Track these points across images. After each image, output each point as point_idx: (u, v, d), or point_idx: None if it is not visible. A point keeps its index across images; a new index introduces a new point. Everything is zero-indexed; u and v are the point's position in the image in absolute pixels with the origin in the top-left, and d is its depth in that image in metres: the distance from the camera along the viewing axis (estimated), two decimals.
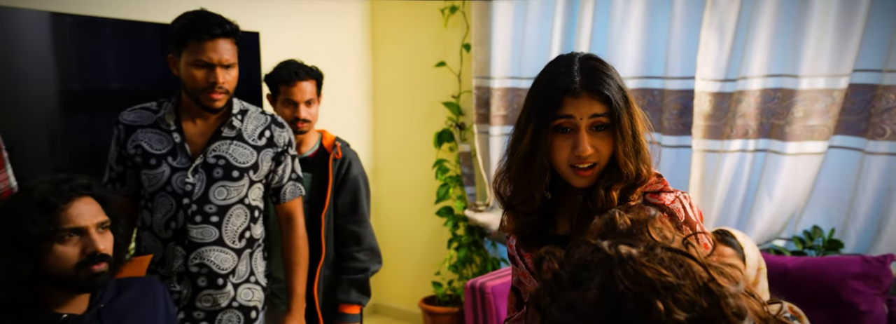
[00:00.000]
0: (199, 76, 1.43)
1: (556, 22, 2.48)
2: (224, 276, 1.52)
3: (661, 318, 0.52)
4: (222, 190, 1.50)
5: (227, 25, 1.44)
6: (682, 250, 0.57)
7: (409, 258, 3.19)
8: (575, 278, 0.57)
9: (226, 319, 1.54)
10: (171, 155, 1.48)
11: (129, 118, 1.52)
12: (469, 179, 2.91)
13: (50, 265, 1.12)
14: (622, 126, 0.93)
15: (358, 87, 3.16)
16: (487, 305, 1.98)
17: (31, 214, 1.10)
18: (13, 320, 1.12)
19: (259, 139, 1.55)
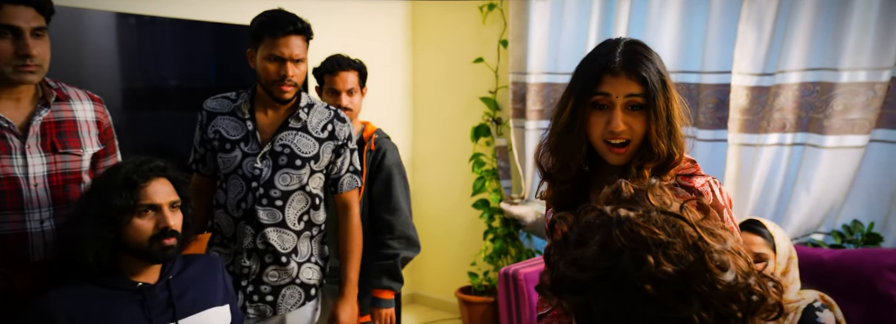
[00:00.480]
0: (271, 69, 1.54)
1: (593, 17, 2.51)
2: (287, 255, 1.62)
3: (650, 270, 0.57)
4: (286, 176, 1.60)
5: (300, 23, 1.56)
6: (675, 213, 0.62)
7: (446, 249, 3.26)
8: (581, 239, 0.63)
9: (288, 294, 1.65)
10: (244, 141, 1.60)
11: (210, 105, 1.65)
12: (505, 173, 2.96)
13: (128, 236, 1.25)
14: (657, 107, 0.97)
15: (398, 83, 3.25)
16: (520, 291, 2.03)
17: (117, 189, 1.23)
18: (98, 286, 1.25)
19: (322, 132, 1.65)
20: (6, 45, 1.24)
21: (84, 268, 1.24)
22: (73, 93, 1.44)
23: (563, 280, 0.62)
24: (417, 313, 3.26)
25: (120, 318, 1.24)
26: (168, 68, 2.46)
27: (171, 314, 1.29)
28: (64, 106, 1.40)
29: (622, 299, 0.58)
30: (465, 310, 2.99)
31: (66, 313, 1.19)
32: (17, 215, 1.31)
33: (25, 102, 1.34)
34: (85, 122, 1.43)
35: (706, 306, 0.57)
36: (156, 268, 1.32)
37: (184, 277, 1.35)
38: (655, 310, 0.57)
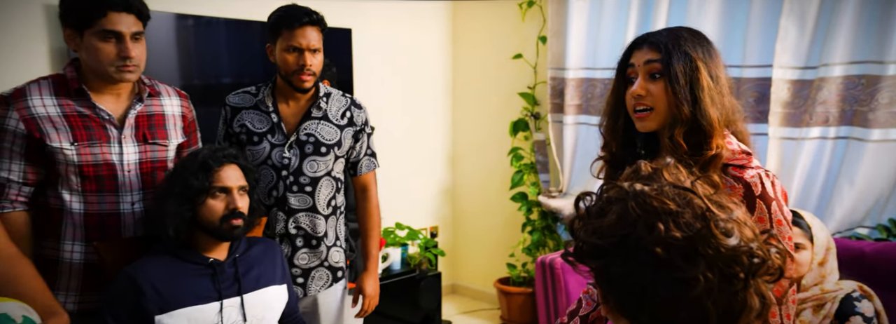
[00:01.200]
0: (290, 60, 1.60)
1: (632, 12, 2.52)
2: (318, 238, 1.71)
3: (661, 235, 0.63)
4: (313, 164, 1.68)
5: (314, 15, 1.62)
6: (686, 187, 0.68)
7: (485, 241, 3.32)
8: (601, 211, 0.69)
9: (317, 276, 1.74)
10: (270, 133, 1.66)
11: (234, 101, 1.70)
12: (543, 167, 3.00)
13: (202, 215, 1.37)
14: (674, 72, 1.01)
15: (439, 79, 3.33)
16: (556, 279, 2.07)
17: (195, 172, 1.36)
18: (177, 258, 1.38)
19: (341, 119, 1.72)
20: (110, 47, 1.37)
21: (165, 241, 1.37)
22: (164, 89, 1.57)
23: (585, 247, 0.69)
24: (457, 302, 3.33)
25: (194, 288, 1.36)
26: (222, 66, 2.59)
27: (236, 289, 1.41)
28: (155, 101, 1.52)
29: (636, 262, 0.64)
30: (503, 300, 3.04)
31: (150, 280, 1.32)
32: (113, 197, 1.45)
33: (123, 96, 1.47)
34: (172, 116, 1.55)
35: (711, 267, 0.62)
36: (224, 246, 1.44)
37: (248, 256, 1.46)
38: (666, 271, 0.62)
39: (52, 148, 1.37)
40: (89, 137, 1.41)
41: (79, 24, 1.36)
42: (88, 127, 1.41)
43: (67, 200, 1.41)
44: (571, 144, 2.83)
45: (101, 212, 1.44)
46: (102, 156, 1.42)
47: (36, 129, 1.37)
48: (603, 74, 2.73)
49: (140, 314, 1.32)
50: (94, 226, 1.43)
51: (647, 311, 0.65)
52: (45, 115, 1.38)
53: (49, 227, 1.43)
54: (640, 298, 0.65)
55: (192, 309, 1.34)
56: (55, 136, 1.38)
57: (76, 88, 1.41)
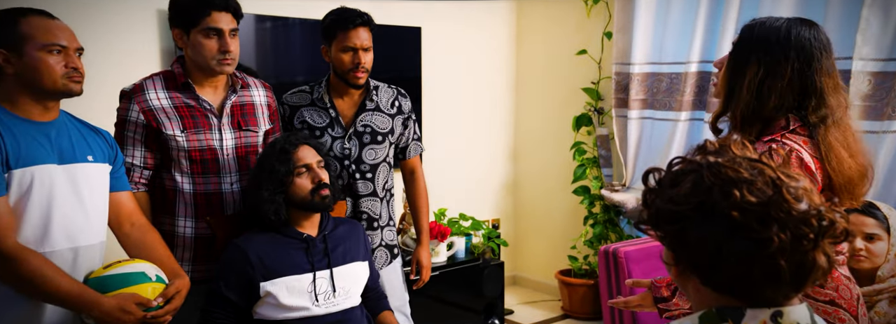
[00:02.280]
0: (346, 59, 1.72)
1: (702, 6, 2.49)
2: (377, 220, 1.84)
3: (737, 201, 0.68)
4: (371, 152, 1.81)
5: (365, 16, 1.74)
6: (756, 158, 0.74)
7: (546, 234, 3.35)
8: (673, 181, 0.75)
9: (378, 255, 1.86)
10: (330, 127, 1.78)
11: (292, 100, 1.82)
12: (606, 161, 3.00)
13: (294, 193, 1.51)
14: (730, 62, 1.11)
15: (502, 75, 3.38)
16: (620, 268, 2.09)
17: (277, 158, 1.50)
18: (276, 233, 1.52)
19: (391, 108, 1.85)
20: (212, 43, 1.53)
21: (267, 223, 1.51)
22: (252, 81, 1.72)
23: (661, 213, 0.74)
24: (518, 293, 3.38)
25: (291, 260, 1.50)
26: (296, 64, 2.73)
27: (326, 262, 1.53)
28: (246, 92, 1.68)
29: (712, 225, 0.69)
30: (564, 291, 3.07)
31: (256, 252, 1.48)
32: (216, 178, 1.61)
33: (220, 89, 1.63)
34: (260, 105, 1.70)
35: (783, 228, 0.67)
36: (315, 223, 1.57)
37: (335, 234, 1.59)
38: (741, 232, 0.68)
39: (166, 135, 1.54)
40: (195, 125, 1.56)
41: (186, 24, 1.53)
42: (194, 116, 1.57)
43: (179, 181, 1.58)
44: (636, 139, 2.82)
45: (206, 191, 1.60)
46: (206, 142, 1.58)
47: (153, 119, 1.53)
48: (669, 69, 2.70)
49: (247, 281, 1.46)
50: (202, 204, 1.60)
51: (721, 269, 0.70)
52: (159, 106, 1.55)
53: (165, 205, 1.60)
54: (715, 257, 0.70)
55: (290, 278, 1.47)
56: (169, 124, 1.54)
57: (183, 81, 1.57)
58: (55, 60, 1.24)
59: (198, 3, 1.51)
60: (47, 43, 1.23)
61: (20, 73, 1.23)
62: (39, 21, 1.24)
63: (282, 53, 2.66)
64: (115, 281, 1.26)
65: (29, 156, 1.23)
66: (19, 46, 1.22)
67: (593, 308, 3.01)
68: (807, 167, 1.06)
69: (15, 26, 1.22)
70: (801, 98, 1.09)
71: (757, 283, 0.69)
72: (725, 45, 2.43)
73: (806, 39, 1.08)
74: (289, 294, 1.46)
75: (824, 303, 1.08)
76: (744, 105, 1.08)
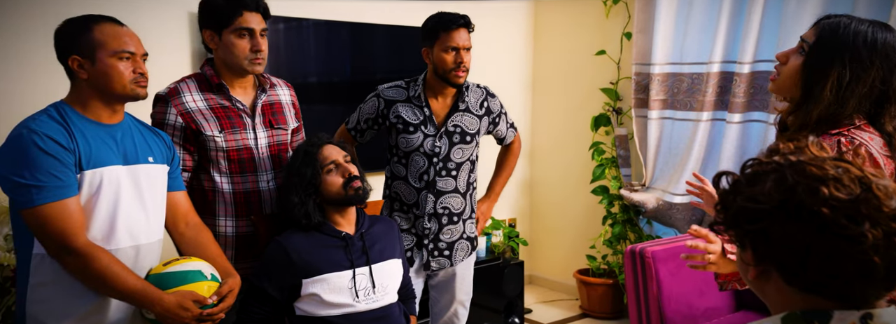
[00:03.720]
0: (448, 59, 1.77)
1: (725, 6, 2.46)
2: (458, 214, 1.88)
3: (825, 198, 0.66)
4: (459, 151, 1.85)
5: (466, 18, 1.80)
6: (840, 157, 0.72)
7: (564, 233, 3.32)
8: (752, 181, 0.73)
9: (460, 247, 1.91)
10: (423, 125, 1.82)
11: (389, 94, 1.85)
12: (624, 161, 2.97)
13: (327, 191, 1.51)
14: (809, 62, 1.06)
15: (518, 75, 3.35)
16: (647, 268, 2.06)
17: (302, 161, 1.50)
18: (316, 232, 1.52)
19: (480, 109, 1.90)
20: (244, 43, 1.53)
21: (301, 226, 1.51)
22: (277, 81, 1.74)
23: (743, 212, 0.72)
24: (535, 292, 3.36)
25: (330, 257, 1.49)
26: (309, 65, 2.69)
27: (365, 260, 1.52)
28: (273, 92, 1.69)
29: (799, 223, 0.67)
30: (583, 291, 3.04)
31: (296, 250, 1.47)
32: (253, 177, 1.62)
33: (249, 88, 1.64)
34: (287, 104, 1.72)
35: (875, 224, 0.65)
36: (352, 221, 1.56)
37: (372, 232, 1.58)
38: (831, 229, 0.66)
39: (205, 136, 1.54)
40: (231, 126, 1.57)
41: (218, 25, 1.53)
42: (230, 117, 1.57)
43: (218, 181, 1.58)
44: (656, 139, 2.79)
45: (245, 190, 1.60)
46: (243, 141, 1.58)
47: (191, 121, 1.53)
48: (690, 69, 2.68)
49: (289, 278, 1.46)
50: (241, 202, 1.60)
51: (811, 267, 0.68)
52: (196, 109, 1.55)
53: (205, 206, 1.60)
54: (804, 255, 0.68)
55: (330, 275, 1.47)
56: (207, 126, 1.54)
57: (217, 83, 1.57)
58: (124, 66, 1.28)
59: (229, 4, 1.51)
60: (118, 49, 1.27)
61: (92, 79, 1.27)
62: (110, 28, 1.28)
63: (295, 55, 2.65)
64: (174, 278, 1.29)
65: (99, 158, 1.27)
66: (92, 53, 1.26)
67: (612, 308, 2.99)
68: (875, 161, 1.04)
69: (88, 34, 1.26)
70: (879, 104, 1.08)
71: (849, 281, 0.67)
72: (749, 45, 2.40)
73: (891, 46, 1.06)
74: (330, 291, 1.46)
75: None
76: (824, 107, 1.06)
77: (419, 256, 1.87)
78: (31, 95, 1.95)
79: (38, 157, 1.19)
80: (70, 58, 1.26)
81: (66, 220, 1.20)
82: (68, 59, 1.27)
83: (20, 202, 1.21)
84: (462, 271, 1.93)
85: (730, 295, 2.20)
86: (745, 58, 2.42)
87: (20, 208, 1.22)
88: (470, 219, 1.93)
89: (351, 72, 2.81)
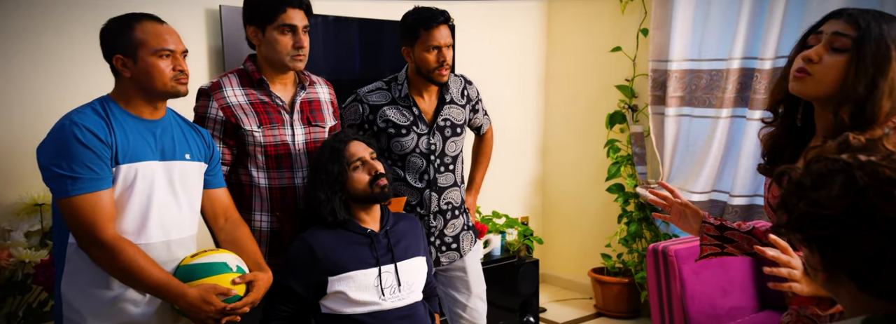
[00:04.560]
0: (430, 58, 1.71)
1: (745, 1, 2.41)
2: (459, 207, 1.87)
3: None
4: (452, 144, 1.83)
5: (445, 14, 1.72)
6: None
7: (578, 232, 3.27)
8: (817, 183, 0.67)
9: (465, 237, 1.89)
10: (414, 124, 1.77)
11: (372, 99, 1.76)
12: (640, 159, 2.92)
13: (353, 189, 1.47)
14: (863, 52, 0.97)
15: (532, 72, 3.30)
16: (671, 267, 2.01)
17: (329, 158, 1.46)
18: (341, 229, 1.48)
19: (462, 99, 1.86)
20: (287, 39, 1.53)
21: (327, 222, 1.47)
22: (316, 79, 1.72)
23: (807, 217, 0.67)
24: (548, 291, 3.31)
25: (355, 255, 1.45)
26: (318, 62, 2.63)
27: (390, 257, 1.48)
28: (312, 89, 1.67)
29: (872, 228, 0.63)
30: (598, 289, 2.99)
31: (322, 247, 1.44)
32: (289, 173, 1.60)
33: (289, 85, 1.63)
34: (326, 102, 1.70)
35: None
36: (377, 218, 1.53)
37: (397, 229, 1.55)
38: None
39: (245, 131, 1.53)
40: (270, 121, 1.56)
41: (262, 21, 1.52)
42: (268, 112, 1.56)
43: (255, 176, 1.57)
44: (673, 136, 2.74)
45: (281, 186, 1.58)
46: (280, 137, 1.57)
47: (232, 115, 1.53)
48: (709, 66, 2.63)
49: (314, 276, 1.42)
50: (277, 198, 1.58)
51: (885, 274, 0.63)
52: (236, 103, 1.54)
53: (242, 201, 1.58)
54: (878, 262, 0.63)
55: (356, 273, 1.43)
56: (246, 121, 1.53)
57: (258, 78, 1.56)
58: (165, 64, 1.28)
59: (273, 0, 1.51)
60: (159, 48, 1.28)
61: (135, 77, 1.28)
62: (152, 26, 1.29)
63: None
64: (200, 270, 1.29)
65: (136, 152, 1.27)
66: (134, 51, 1.27)
67: (628, 307, 2.94)
68: None
69: (130, 32, 1.27)
70: None
71: None
72: (771, 41, 2.35)
73: None
74: (357, 289, 1.43)
75: None
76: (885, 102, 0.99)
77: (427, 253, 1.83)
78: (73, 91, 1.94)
79: (76, 148, 1.20)
80: (114, 57, 1.28)
81: (97, 212, 1.21)
82: (112, 58, 1.29)
83: (56, 192, 1.23)
84: (472, 263, 1.89)
85: (754, 295, 2.16)
86: (767, 54, 2.36)
87: (56, 198, 1.23)
88: (465, 211, 1.91)
89: (360, 69, 2.77)
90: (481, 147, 2.08)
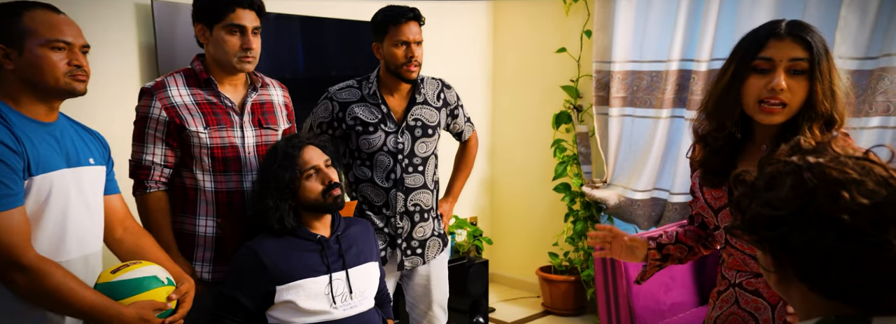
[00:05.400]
0: (399, 54, 1.68)
1: (682, 4, 2.47)
2: (428, 211, 1.82)
3: (847, 203, 0.61)
4: (422, 145, 1.79)
5: (415, 11, 1.72)
6: (864, 157, 0.66)
7: (525, 231, 3.29)
8: (769, 184, 0.68)
9: (431, 244, 1.85)
10: (383, 123, 1.73)
11: (341, 97, 1.74)
12: (585, 158, 2.96)
13: (304, 197, 1.39)
14: (821, 69, 1.00)
15: (478, 73, 3.29)
16: (617, 266, 2.04)
17: (281, 164, 1.37)
18: (291, 237, 1.40)
19: (437, 101, 1.83)
20: (235, 40, 1.45)
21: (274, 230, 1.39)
22: (269, 81, 1.65)
23: (759, 218, 0.67)
24: (497, 291, 3.30)
25: (305, 262, 1.38)
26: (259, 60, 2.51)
27: (341, 264, 1.41)
28: (264, 91, 1.60)
29: (819, 229, 0.63)
30: (545, 288, 3.01)
31: (269, 255, 1.35)
32: (237, 176, 1.52)
33: (240, 87, 1.55)
34: (279, 104, 1.63)
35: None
36: (327, 224, 1.45)
37: (348, 234, 1.48)
38: (854, 236, 0.61)
39: (189, 132, 1.45)
40: (218, 122, 1.49)
41: (210, 20, 1.46)
42: (216, 113, 1.49)
43: (201, 179, 1.49)
44: (616, 136, 2.79)
45: (228, 190, 1.51)
46: (228, 139, 1.50)
47: (176, 115, 1.45)
48: (649, 67, 2.68)
49: (262, 286, 1.34)
50: (223, 202, 1.51)
51: (833, 275, 0.63)
52: (181, 103, 1.46)
53: (186, 204, 1.51)
54: (825, 262, 0.63)
55: (306, 281, 1.36)
56: (191, 121, 1.45)
57: (205, 78, 1.49)
58: (58, 58, 1.14)
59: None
60: (51, 39, 1.13)
61: (20, 70, 1.13)
62: (44, 15, 1.14)
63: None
64: (128, 287, 1.16)
65: (46, 161, 1.14)
66: (20, 42, 1.13)
67: (575, 304, 2.97)
68: None
69: (17, 20, 1.12)
70: None
71: (877, 289, 0.62)
72: (706, 44, 2.42)
73: None
74: (306, 298, 1.36)
75: None
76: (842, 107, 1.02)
77: (393, 255, 1.78)
78: None
79: None
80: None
81: (15, 233, 1.07)
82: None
83: None
84: (437, 271, 1.87)
85: (694, 290, 2.21)
86: (703, 56, 2.44)
87: None
88: (437, 217, 1.88)
89: (304, 68, 2.67)
90: (464, 154, 2.04)
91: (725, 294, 1.16)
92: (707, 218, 1.19)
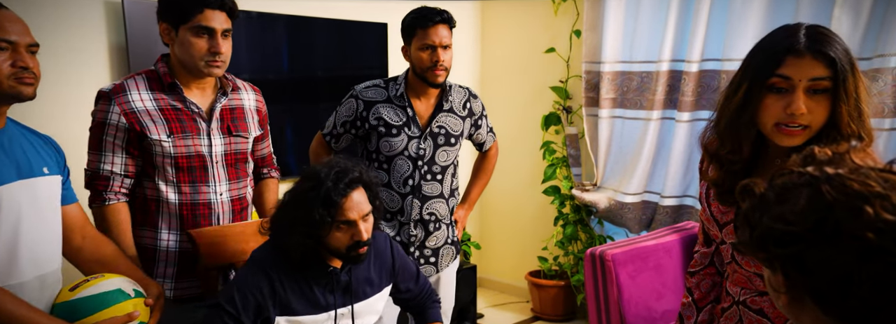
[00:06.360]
0: (425, 57, 1.64)
1: (672, 5, 2.42)
2: (442, 220, 1.79)
3: (870, 220, 0.55)
4: (443, 153, 1.76)
5: (445, 14, 1.67)
6: (887, 168, 0.60)
7: (514, 235, 3.22)
8: (781, 197, 0.61)
9: (445, 253, 1.82)
10: (407, 126, 1.70)
11: (368, 95, 1.71)
12: (575, 161, 2.89)
13: (328, 244, 1.25)
14: (847, 89, 0.89)
15: (466, 73, 3.22)
16: (607, 272, 1.97)
17: (318, 206, 1.19)
18: (304, 269, 1.27)
19: (463, 110, 1.81)
20: (202, 43, 1.35)
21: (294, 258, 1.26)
22: (241, 84, 1.55)
23: (770, 234, 0.61)
24: (486, 296, 3.23)
25: (311, 296, 1.28)
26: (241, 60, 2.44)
27: (348, 299, 1.32)
28: (235, 95, 1.50)
29: (838, 248, 0.57)
30: (535, 293, 2.94)
31: (278, 279, 1.24)
32: (204, 187, 1.43)
33: (208, 91, 1.45)
34: (250, 110, 1.53)
35: None
36: None
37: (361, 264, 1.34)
38: (879, 256, 0.55)
39: (151, 140, 1.35)
40: (183, 130, 1.38)
41: (176, 20, 1.35)
42: (181, 120, 1.39)
43: (163, 190, 1.39)
44: (606, 138, 2.73)
45: (193, 202, 1.42)
46: (194, 148, 1.40)
47: (136, 121, 1.34)
48: (640, 68, 2.63)
49: (264, 311, 1.23)
50: (187, 215, 1.41)
51: (855, 296, 0.57)
52: (143, 109, 1.35)
53: (146, 216, 1.41)
54: (845, 284, 0.57)
55: (307, 318, 1.27)
56: (154, 128, 1.35)
57: (169, 82, 1.39)
58: (1, 59, 1.04)
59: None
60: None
61: None
62: None
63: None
64: (90, 304, 1.05)
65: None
66: None
67: (564, 309, 2.91)
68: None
69: None
70: None
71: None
72: (697, 44, 2.37)
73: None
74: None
75: None
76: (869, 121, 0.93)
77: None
78: None
79: None
80: None
81: None
82: None
83: None
84: (446, 277, 1.84)
85: None
86: (693, 57, 2.38)
87: None
88: (451, 224, 1.84)
89: (289, 69, 2.58)
90: (483, 164, 2.03)
91: (729, 312, 1.10)
92: (710, 230, 1.11)
